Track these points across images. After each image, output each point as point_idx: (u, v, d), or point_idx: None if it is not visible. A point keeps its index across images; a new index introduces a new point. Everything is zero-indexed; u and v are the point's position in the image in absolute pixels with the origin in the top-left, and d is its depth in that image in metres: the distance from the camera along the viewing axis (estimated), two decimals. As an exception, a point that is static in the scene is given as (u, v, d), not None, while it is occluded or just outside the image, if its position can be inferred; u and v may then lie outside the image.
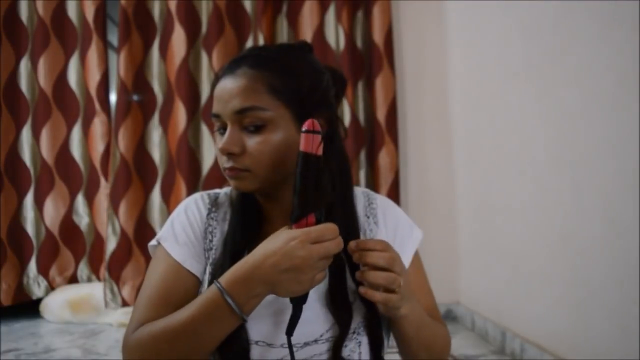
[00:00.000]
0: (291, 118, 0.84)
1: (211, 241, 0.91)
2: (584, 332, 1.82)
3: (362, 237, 0.91)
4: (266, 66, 0.85)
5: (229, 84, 0.85)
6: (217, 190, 0.98)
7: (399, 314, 0.81)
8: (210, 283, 0.85)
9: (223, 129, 0.86)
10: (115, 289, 2.91)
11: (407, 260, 0.93)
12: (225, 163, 0.85)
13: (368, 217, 0.94)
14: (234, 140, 0.84)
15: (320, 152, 0.76)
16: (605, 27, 1.64)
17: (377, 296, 0.77)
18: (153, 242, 0.93)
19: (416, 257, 0.95)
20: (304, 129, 0.76)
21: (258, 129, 0.83)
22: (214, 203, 0.94)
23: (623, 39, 1.55)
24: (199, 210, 0.93)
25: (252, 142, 0.83)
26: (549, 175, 1.96)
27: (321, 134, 0.76)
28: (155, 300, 0.85)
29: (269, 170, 0.84)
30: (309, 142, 0.76)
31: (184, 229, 0.91)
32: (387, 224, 0.94)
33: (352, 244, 0.78)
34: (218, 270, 0.85)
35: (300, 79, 0.85)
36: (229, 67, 0.87)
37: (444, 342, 0.93)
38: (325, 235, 0.74)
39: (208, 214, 0.92)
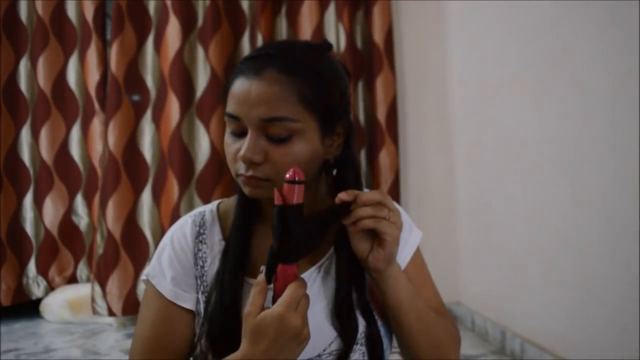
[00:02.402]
0: (317, 129, 0.81)
1: (202, 267, 0.87)
2: (584, 332, 1.82)
3: None
4: (298, 72, 0.79)
5: (256, 88, 0.78)
6: (201, 209, 0.93)
7: (387, 271, 0.80)
8: (205, 312, 0.84)
9: (240, 132, 0.81)
10: (102, 296, 2.81)
11: (406, 259, 0.91)
12: (242, 170, 0.81)
13: None
14: (257, 149, 0.79)
15: (301, 199, 0.74)
16: (605, 27, 1.64)
17: (368, 222, 0.77)
18: (143, 277, 0.90)
19: (417, 256, 0.93)
20: (286, 178, 0.73)
21: (284, 139, 0.79)
22: (202, 225, 0.90)
23: (623, 39, 1.55)
24: (185, 238, 0.89)
25: (276, 152, 0.79)
26: (549, 175, 1.96)
27: (304, 183, 0.74)
28: (150, 344, 0.84)
29: None
30: (292, 192, 0.73)
31: (171, 263, 0.87)
32: None
33: (343, 195, 0.78)
34: (217, 293, 0.83)
35: (331, 89, 0.82)
36: (254, 67, 0.80)
37: (451, 338, 0.91)
38: (299, 294, 0.73)
39: (196, 238, 0.89)
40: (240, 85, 0.80)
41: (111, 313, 2.79)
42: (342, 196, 0.78)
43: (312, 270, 0.86)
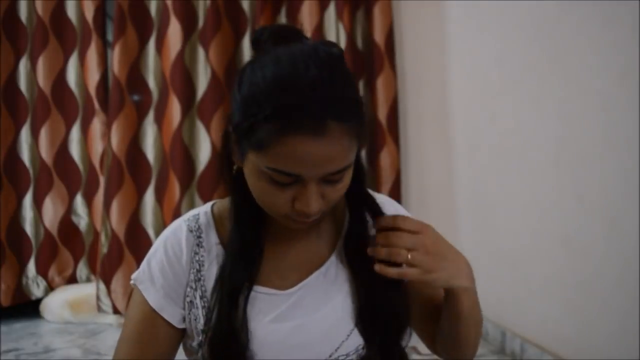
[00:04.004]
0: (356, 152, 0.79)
1: (199, 271, 0.85)
2: (584, 332, 1.82)
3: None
4: (352, 114, 0.74)
5: (322, 149, 0.71)
6: (194, 213, 0.90)
7: (454, 286, 0.81)
8: (206, 319, 0.82)
9: (292, 182, 0.74)
10: (107, 294, 2.85)
11: None
12: (299, 217, 0.77)
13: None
14: (319, 199, 0.76)
15: None
16: (605, 27, 1.64)
17: (391, 272, 0.77)
18: (131, 281, 0.88)
19: None
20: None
21: (338, 181, 0.76)
22: (197, 229, 0.87)
23: (623, 39, 1.55)
24: (178, 244, 0.86)
25: (332, 191, 0.77)
26: (549, 175, 1.96)
27: None
28: (132, 348, 0.85)
29: None
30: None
31: (162, 269, 0.85)
32: None
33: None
34: (220, 293, 0.82)
35: (364, 111, 0.78)
36: (312, 121, 0.71)
37: (480, 331, 0.92)
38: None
39: (192, 242, 0.86)
40: (301, 147, 0.71)
41: (116, 310, 2.83)
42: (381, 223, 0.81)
43: (316, 274, 0.86)
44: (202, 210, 0.91)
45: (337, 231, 0.89)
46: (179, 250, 0.86)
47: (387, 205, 0.92)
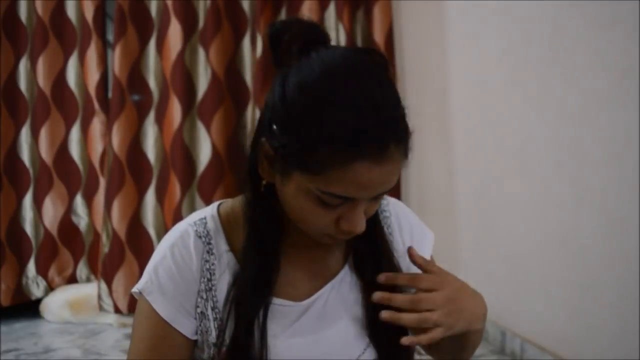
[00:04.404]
0: None
1: (210, 280, 0.80)
2: (584, 332, 1.82)
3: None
4: (408, 133, 0.73)
5: (382, 174, 0.70)
6: (200, 216, 0.83)
7: (470, 330, 0.79)
8: (219, 331, 0.78)
9: (340, 203, 0.72)
10: (108, 294, 2.85)
11: None
12: (341, 235, 0.75)
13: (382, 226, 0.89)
14: (364, 218, 0.74)
15: None
16: (605, 27, 1.64)
17: (424, 338, 0.73)
18: (135, 290, 0.81)
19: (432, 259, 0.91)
20: None
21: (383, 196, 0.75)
22: (206, 234, 0.81)
23: (623, 39, 1.55)
24: (187, 250, 0.80)
25: (373, 206, 0.76)
26: (549, 175, 1.96)
27: None
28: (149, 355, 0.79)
29: None
30: None
31: (171, 278, 0.79)
32: (403, 231, 0.89)
33: (382, 277, 0.76)
34: (236, 300, 0.78)
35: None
36: (377, 148, 0.68)
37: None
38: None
39: (202, 250, 0.80)
40: (363, 173, 0.68)
41: (117, 310, 2.83)
42: (381, 279, 0.77)
43: (331, 284, 0.83)
44: (209, 214, 0.84)
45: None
46: (188, 257, 0.80)
47: (393, 205, 0.90)
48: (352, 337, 0.81)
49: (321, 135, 0.67)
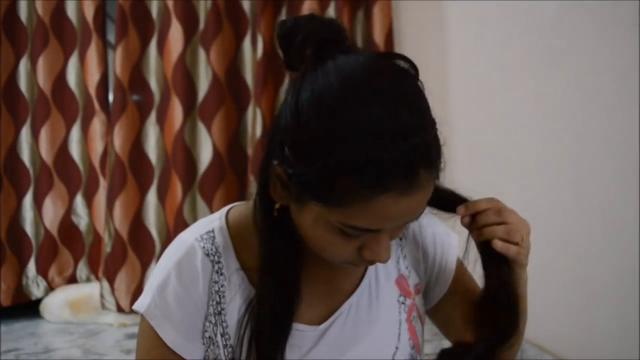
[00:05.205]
0: None
1: (219, 303, 0.73)
2: (584, 332, 1.82)
3: (397, 267, 0.82)
4: (439, 154, 0.66)
5: (411, 204, 0.63)
6: (207, 228, 0.76)
7: (523, 272, 0.80)
8: (236, 353, 0.71)
9: (366, 233, 0.65)
10: (111, 292, 2.88)
11: (452, 268, 0.87)
12: (364, 263, 0.70)
13: (400, 239, 0.84)
14: (389, 246, 0.68)
15: None
16: (605, 27, 1.64)
17: (513, 249, 0.78)
18: (139, 309, 0.74)
19: (460, 262, 0.87)
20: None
21: None
22: (214, 252, 0.74)
23: (623, 39, 1.55)
24: (195, 270, 0.73)
25: (397, 232, 0.70)
26: (549, 175, 1.96)
27: None
28: None
29: None
30: None
31: (177, 302, 0.72)
32: (425, 236, 0.85)
33: (461, 209, 0.76)
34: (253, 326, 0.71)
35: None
36: (407, 180, 0.61)
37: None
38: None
39: (212, 268, 0.73)
40: (390, 205, 0.61)
41: (119, 308, 2.85)
42: (461, 211, 0.76)
43: (347, 304, 0.77)
44: (217, 226, 0.76)
45: None
46: (196, 277, 0.72)
47: None
48: (376, 355, 0.77)
49: (341, 165, 0.60)
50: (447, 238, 0.88)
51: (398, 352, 0.78)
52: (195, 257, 0.73)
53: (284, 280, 0.70)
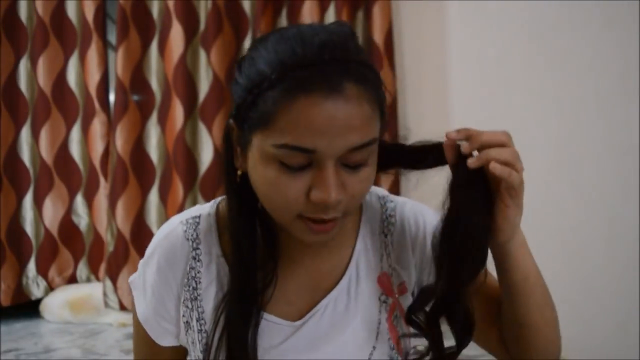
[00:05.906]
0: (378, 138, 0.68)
1: (195, 289, 0.74)
2: (584, 332, 1.82)
3: (380, 265, 0.78)
4: (371, 79, 0.64)
5: (342, 111, 0.60)
6: (194, 213, 0.77)
7: (515, 239, 0.73)
8: (209, 339, 0.72)
9: (303, 166, 0.63)
10: (113, 291, 2.89)
11: None
12: (316, 213, 0.65)
13: (386, 236, 0.80)
14: (340, 187, 0.64)
15: None
16: (605, 27, 1.64)
17: (499, 169, 0.66)
18: (129, 280, 0.81)
19: None
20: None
21: (362, 164, 0.65)
22: (194, 238, 0.75)
23: (623, 39, 1.55)
24: (172, 251, 0.75)
25: (354, 181, 0.65)
26: (549, 176, 1.96)
27: None
28: (144, 347, 0.79)
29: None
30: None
31: (153, 283, 0.76)
32: (412, 228, 0.82)
33: (452, 133, 0.69)
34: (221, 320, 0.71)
35: (383, 90, 0.67)
36: (326, 80, 0.60)
37: (557, 324, 0.80)
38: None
39: (189, 253, 0.75)
40: (313, 109, 0.60)
41: (122, 307, 2.87)
42: (452, 135, 0.69)
43: (327, 299, 0.76)
44: (205, 212, 0.77)
45: (348, 246, 0.78)
46: (173, 258, 0.75)
47: (401, 207, 0.84)
48: (353, 352, 0.75)
49: (266, 80, 0.62)
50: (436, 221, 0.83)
51: (375, 352, 0.75)
52: (175, 239, 0.75)
53: (246, 256, 0.70)
